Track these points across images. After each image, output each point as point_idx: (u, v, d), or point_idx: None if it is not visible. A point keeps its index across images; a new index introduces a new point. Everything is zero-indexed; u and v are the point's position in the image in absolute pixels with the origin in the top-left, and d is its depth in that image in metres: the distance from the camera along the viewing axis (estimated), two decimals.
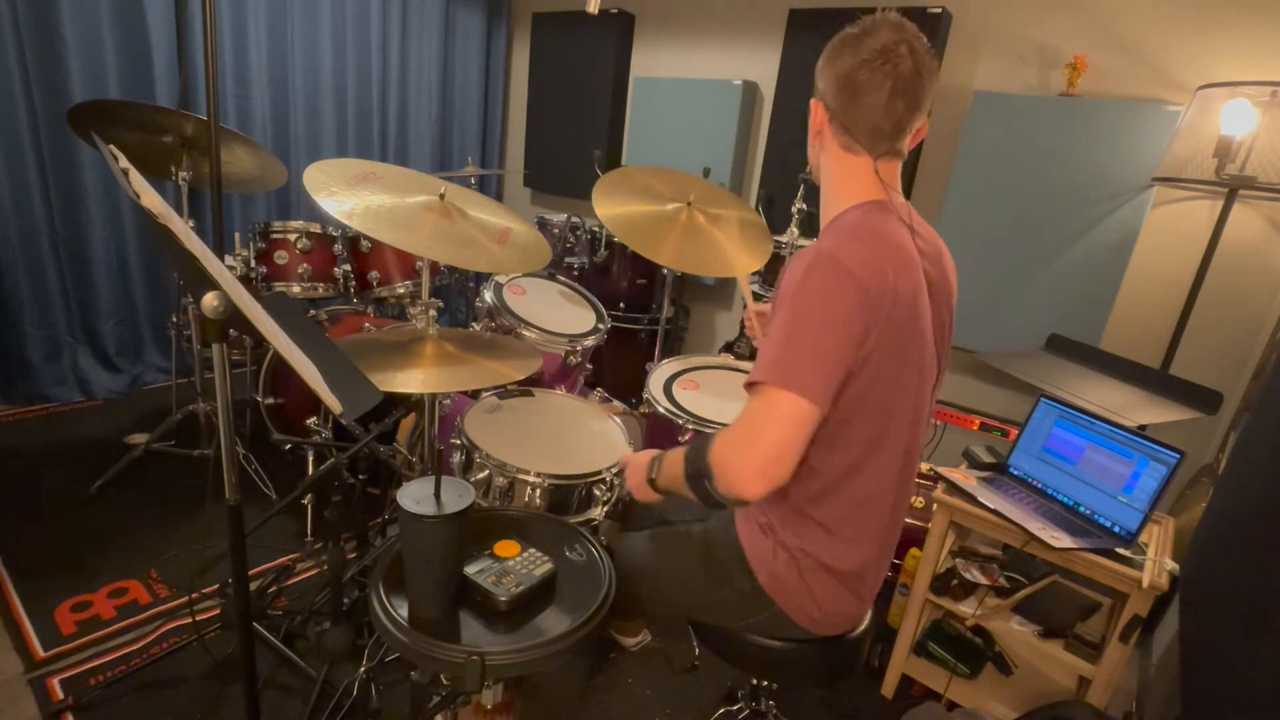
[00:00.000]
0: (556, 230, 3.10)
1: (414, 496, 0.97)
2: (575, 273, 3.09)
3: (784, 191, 2.88)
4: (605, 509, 1.67)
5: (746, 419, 0.95)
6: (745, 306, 1.58)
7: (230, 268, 2.40)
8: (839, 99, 1.03)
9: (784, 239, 2.56)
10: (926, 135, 1.07)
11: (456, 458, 1.73)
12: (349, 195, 1.45)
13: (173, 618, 1.83)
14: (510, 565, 1.05)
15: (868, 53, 0.99)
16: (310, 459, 2.20)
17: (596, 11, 2.18)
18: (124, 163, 0.98)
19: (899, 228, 1.02)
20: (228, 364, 0.99)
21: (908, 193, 2.84)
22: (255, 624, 1.71)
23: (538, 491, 1.60)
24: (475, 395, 1.92)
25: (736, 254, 2.12)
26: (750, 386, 0.96)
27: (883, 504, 1.08)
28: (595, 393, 2.42)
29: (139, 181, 0.90)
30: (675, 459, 1.08)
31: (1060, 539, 1.51)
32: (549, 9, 3.90)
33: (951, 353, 1.14)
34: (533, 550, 1.10)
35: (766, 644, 1.16)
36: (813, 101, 1.08)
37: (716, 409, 1.96)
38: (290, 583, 2.02)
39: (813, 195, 1.15)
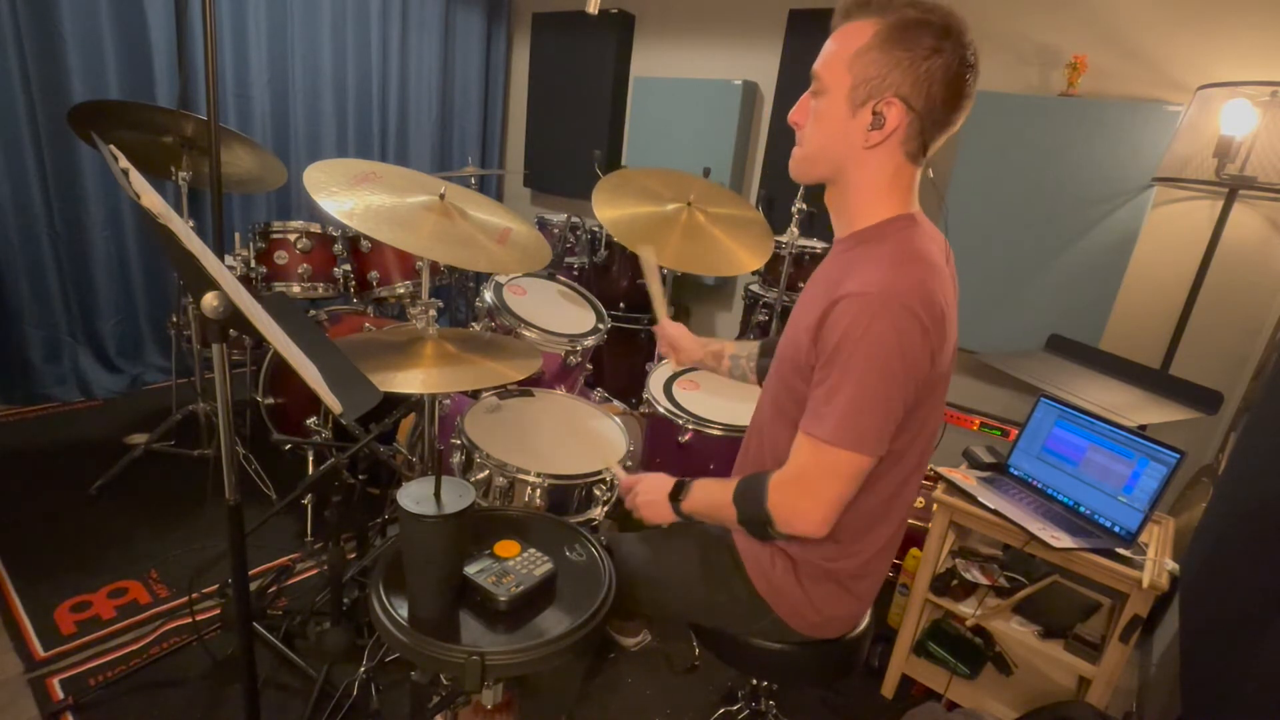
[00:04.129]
0: (556, 230, 3.09)
1: (414, 496, 0.97)
2: (575, 273, 3.09)
3: (784, 191, 2.87)
4: (605, 509, 1.67)
5: (806, 473, 0.96)
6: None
7: (230, 268, 2.40)
8: (942, 104, 0.91)
9: (784, 239, 2.55)
10: None
11: (456, 458, 1.73)
12: (349, 195, 1.45)
13: (173, 618, 1.83)
14: (510, 565, 1.05)
15: (971, 55, 0.90)
16: (310, 459, 2.20)
17: (596, 12, 2.18)
18: (124, 163, 0.97)
19: (931, 244, 0.98)
20: (228, 364, 0.99)
21: None
22: (255, 624, 1.71)
23: (538, 491, 1.60)
24: (475, 395, 1.92)
25: (736, 251, 2.12)
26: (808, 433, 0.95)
27: (891, 511, 1.07)
28: (595, 393, 2.42)
29: (139, 181, 0.90)
30: (715, 498, 1.08)
31: (1060, 539, 1.51)
32: (549, 9, 3.90)
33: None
34: (533, 550, 1.09)
35: (766, 646, 1.16)
36: (889, 101, 0.91)
37: (717, 409, 1.96)
38: (290, 583, 2.02)
39: (812, 194, 1.10)
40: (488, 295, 2.20)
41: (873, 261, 0.94)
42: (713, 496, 1.08)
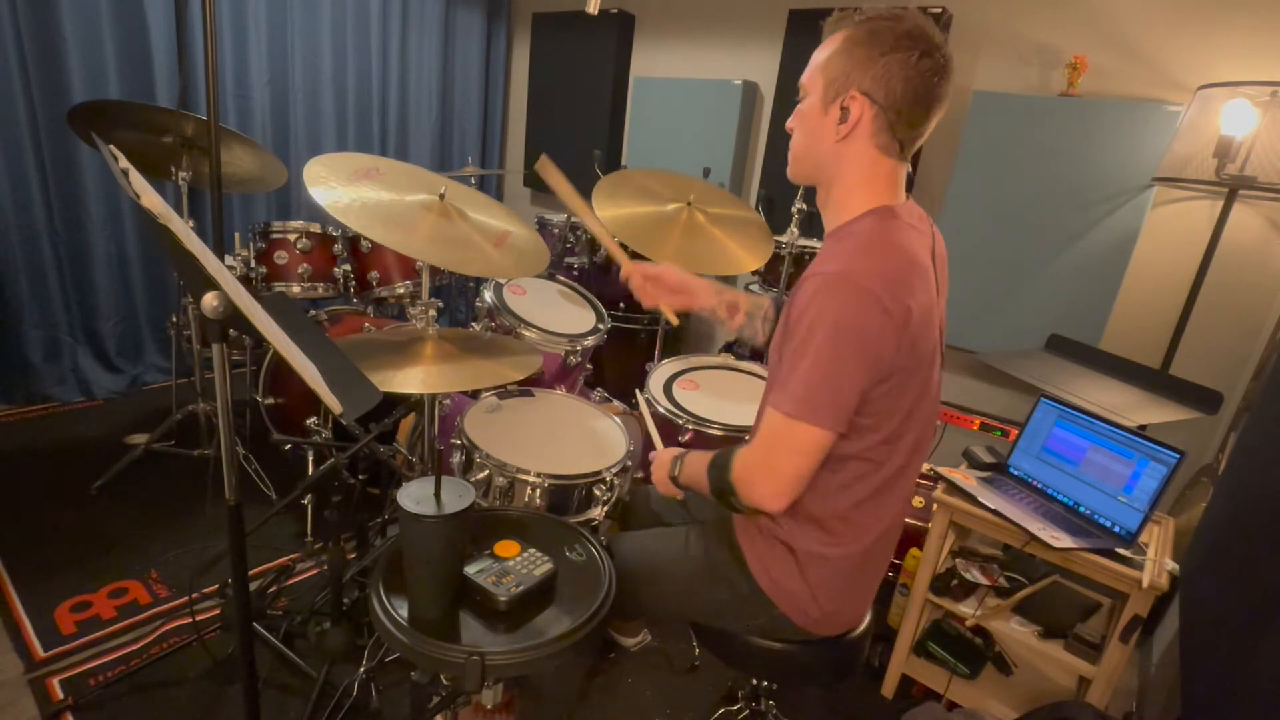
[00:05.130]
0: (556, 230, 3.10)
1: (414, 496, 0.97)
2: (575, 273, 3.09)
3: (784, 191, 2.87)
4: (605, 509, 1.67)
5: (766, 444, 1.00)
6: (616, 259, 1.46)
7: (230, 268, 2.40)
8: (902, 99, 0.96)
9: (784, 239, 2.55)
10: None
11: (456, 458, 1.73)
12: (346, 190, 1.44)
13: (173, 618, 1.83)
14: (510, 565, 1.05)
15: (941, 58, 0.95)
16: (310, 459, 2.20)
17: (596, 12, 2.18)
18: (124, 163, 0.98)
19: (911, 235, 1.00)
20: (228, 364, 0.99)
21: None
22: (255, 624, 1.71)
23: (538, 491, 1.59)
24: (475, 395, 1.92)
25: (736, 251, 2.12)
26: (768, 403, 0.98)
27: (889, 500, 1.08)
28: (595, 393, 2.42)
29: (139, 181, 0.90)
30: (698, 466, 1.12)
31: (1060, 539, 1.51)
32: (549, 9, 3.90)
33: (949, 351, 1.14)
34: (533, 550, 1.09)
35: (767, 645, 1.16)
36: (852, 95, 0.97)
37: (717, 409, 1.96)
38: (290, 583, 2.02)
39: (811, 195, 1.12)
40: (487, 295, 2.20)
41: (846, 248, 0.99)
42: (696, 469, 1.12)
